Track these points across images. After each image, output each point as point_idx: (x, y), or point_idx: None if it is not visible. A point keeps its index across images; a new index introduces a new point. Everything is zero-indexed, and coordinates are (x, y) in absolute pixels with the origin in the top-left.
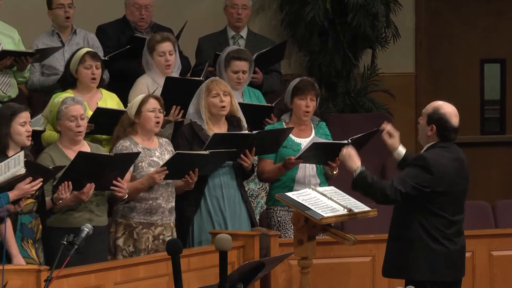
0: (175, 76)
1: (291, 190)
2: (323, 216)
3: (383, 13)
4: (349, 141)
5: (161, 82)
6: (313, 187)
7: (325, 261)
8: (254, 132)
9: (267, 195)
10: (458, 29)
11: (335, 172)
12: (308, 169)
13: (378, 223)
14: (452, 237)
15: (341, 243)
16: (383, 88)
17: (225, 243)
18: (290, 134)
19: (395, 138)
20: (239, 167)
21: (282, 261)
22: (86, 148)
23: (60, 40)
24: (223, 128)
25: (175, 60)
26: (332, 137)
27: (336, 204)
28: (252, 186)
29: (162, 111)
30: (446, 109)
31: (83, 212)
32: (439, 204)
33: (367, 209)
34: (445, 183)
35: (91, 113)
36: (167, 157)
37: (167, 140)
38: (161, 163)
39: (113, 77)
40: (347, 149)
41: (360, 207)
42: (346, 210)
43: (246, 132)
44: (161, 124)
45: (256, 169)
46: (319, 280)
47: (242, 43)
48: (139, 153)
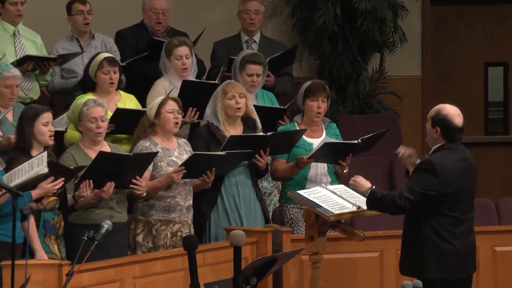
0: (192, 79)
1: (303, 188)
2: (333, 213)
3: (390, 19)
4: (359, 141)
5: (178, 84)
6: (324, 185)
7: (335, 257)
8: (268, 133)
9: (280, 193)
10: (462, 34)
11: (345, 171)
12: (319, 168)
13: (385, 220)
14: (461, 236)
15: (350, 239)
16: (390, 90)
17: (239, 239)
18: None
19: (413, 156)
20: (254, 166)
21: (293, 256)
22: (106, 148)
23: (79, 45)
24: (238, 128)
25: (192, 63)
26: (342, 137)
27: (345, 201)
28: (265, 184)
29: (180, 112)
30: (448, 110)
31: (104, 209)
32: (447, 205)
33: None
34: (452, 185)
35: (111, 114)
36: (185, 157)
37: (185, 140)
38: (180, 162)
39: (131, 80)
40: (352, 178)
41: None
42: (355, 207)
43: (261, 133)
44: (179, 125)
45: (269, 168)
46: (329, 274)
47: (255, 47)
48: (157, 152)
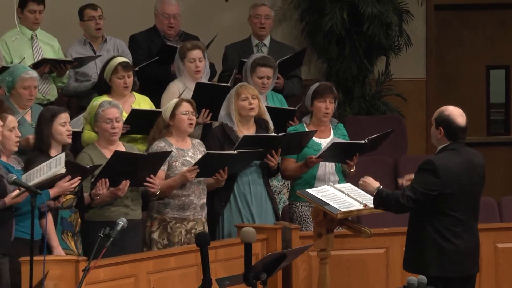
0: (205, 81)
1: (312, 186)
2: (340, 211)
3: (396, 23)
4: (366, 141)
5: (191, 86)
6: (332, 184)
7: (342, 253)
8: (280, 134)
9: (289, 191)
10: (465, 38)
11: (352, 170)
12: (327, 167)
13: (391, 218)
14: (462, 235)
15: (357, 236)
16: (396, 92)
17: (249, 236)
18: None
19: (411, 179)
20: (265, 166)
21: (302, 252)
22: (121, 148)
23: (92, 49)
24: (251, 129)
25: (205, 66)
26: (349, 137)
27: (352, 199)
28: (275, 183)
29: (194, 113)
30: (450, 111)
31: (119, 206)
32: (449, 204)
33: None
34: (453, 185)
35: (126, 115)
36: (199, 156)
37: (199, 141)
38: (194, 162)
39: (144, 83)
40: (362, 179)
41: None
42: (361, 205)
43: (273, 134)
44: (194, 125)
45: (280, 167)
46: (336, 270)
47: (265, 50)
48: (171, 151)
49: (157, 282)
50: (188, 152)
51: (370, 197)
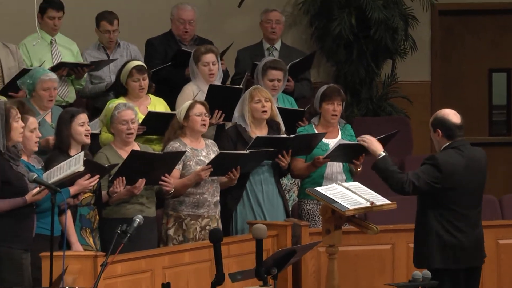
0: (218, 84)
1: (321, 185)
2: (348, 208)
3: (402, 28)
4: None
5: (205, 88)
6: (340, 183)
7: (350, 249)
8: (291, 136)
9: (299, 189)
10: (468, 42)
11: (359, 169)
12: (335, 166)
13: (397, 215)
14: (464, 229)
15: (364, 232)
16: (402, 94)
17: (261, 232)
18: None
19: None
20: (277, 166)
21: (311, 248)
22: (136, 148)
23: (105, 53)
24: (264, 131)
25: (218, 69)
26: (356, 137)
27: (360, 197)
28: (285, 181)
29: (207, 115)
30: (443, 112)
31: (135, 204)
32: (451, 199)
33: (387, 202)
34: (454, 180)
35: (141, 116)
36: (212, 156)
37: (212, 141)
38: (207, 162)
39: (159, 85)
40: (364, 137)
41: (381, 200)
42: (368, 203)
43: (284, 135)
44: (207, 126)
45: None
46: (344, 265)
47: (276, 54)
48: (185, 151)
49: (172, 276)
50: (201, 152)
51: (376, 195)
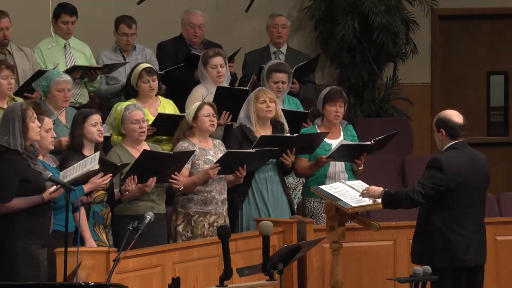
0: (225, 85)
1: (324, 183)
2: (351, 206)
3: (403, 32)
4: (372, 142)
5: (213, 90)
6: (343, 181)
7: (353, 245)
8: (294, 135)
9: (303, 188)
10: (467, 46)
11: (360, 168)
12: (338, 165)
13: (398, 212)
14: (468, 228)
15: (367, 229)
16: (403, 96)
17: (267, 228)
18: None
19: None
20: (281, 164)
21: (316, 244)
22: (146, 148)
23: (122, 55)
24: (268, 130)
25: (226, 72)
26: (359, 138)
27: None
28: (290, 180)
29: (215, 115)
30: (446, 112)
31: (146, 201)
32: (454, 198)
33: None
34: (458, 180)
35: (151, 118)
36: (220, 155)
37: (220, 141)
38: (215, 161)
39: (171, 86)
40: (363, 191)
41: None
42: (371, 200)
43: (287, 134)
44: (215, 126)
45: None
46: (348, 261)
47: (282, 57)
48: (194, 151)
49: (182, 271)
50: (209, 151)
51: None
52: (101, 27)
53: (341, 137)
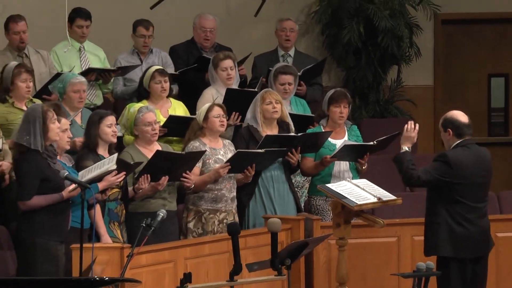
0: (235, 87)
1: (329, 182)
2: (357, 203)
3: (407, 36)
4: (375, 142)
5: (223, 92)
6: (349, 179)
7: (358, 241)
8: (299, 134)
9: (309, 186)
10: (469, 49)
11: (364, 167)
12: (342, 165)
13: (402, 210)
14: (473, 220)
15: (372, 226)
16: (406, 97)
17: (275, 226)
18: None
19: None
20: (287, 163)
21: (323, 241)
22: (158, 147)
23: (139, 58)
24: (274, 130)
25: (235, 74)
26: (365, 138)
27: (367, 193)
28: (298, 178)
29: (225, 116)
30: (452, 113)
31: (158, 199)
32: (460, 192)
33: (393, 198)
34: (464, 175)
35: (163, 119)
36: (230, 155)
37: (229, 141)
38: (225, 160)
39: (183, 88)
40: (412, 128)
41: (387, 196)
42: (376, 198)
43: (292, 134)
44: (225, 126)
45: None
46: (353, 256)
47: (290, 60)
48: (205, 151)
49: (193, 266)
50: (220, 151)
51: (383, 191)
52: (115, 32)
53: (345, 137)
